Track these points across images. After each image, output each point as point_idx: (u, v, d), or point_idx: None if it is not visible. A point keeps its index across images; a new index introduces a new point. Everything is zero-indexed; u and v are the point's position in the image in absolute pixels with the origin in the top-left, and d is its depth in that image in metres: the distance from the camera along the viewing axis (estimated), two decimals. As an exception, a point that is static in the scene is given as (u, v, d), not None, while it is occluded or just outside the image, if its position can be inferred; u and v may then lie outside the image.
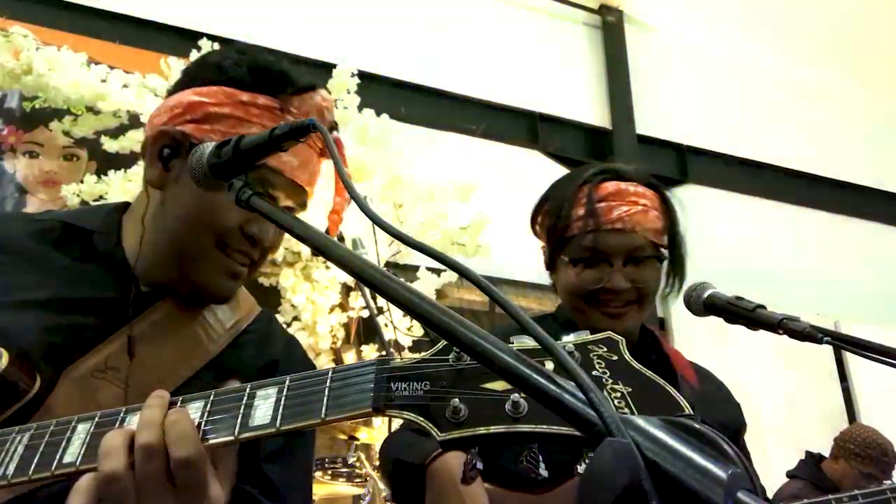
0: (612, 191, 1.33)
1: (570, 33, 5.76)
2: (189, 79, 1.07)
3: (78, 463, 0.71)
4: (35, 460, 0.72)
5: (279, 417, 0.67)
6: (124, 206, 1.15)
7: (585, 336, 0.64)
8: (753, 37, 6.08)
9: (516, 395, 0.60)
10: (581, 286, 1.34)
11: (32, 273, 1.03)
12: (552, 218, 1.37)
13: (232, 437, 0.68)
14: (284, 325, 1.38)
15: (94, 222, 1.09)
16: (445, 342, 0.65)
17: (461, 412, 0.61)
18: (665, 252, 1.38)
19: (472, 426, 0.60)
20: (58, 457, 0.72)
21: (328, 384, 0.68)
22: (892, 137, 6.51)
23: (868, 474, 3.43)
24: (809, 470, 3.58)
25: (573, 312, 1.39)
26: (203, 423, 0.70)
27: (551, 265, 1.43)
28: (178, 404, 0.73)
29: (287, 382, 0.70)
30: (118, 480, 0.67)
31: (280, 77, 1.03)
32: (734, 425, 1.51)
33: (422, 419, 0.62)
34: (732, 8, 5.83)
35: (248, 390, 0.71)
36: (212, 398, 0.72)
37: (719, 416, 1.45)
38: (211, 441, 0.69)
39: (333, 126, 1.10)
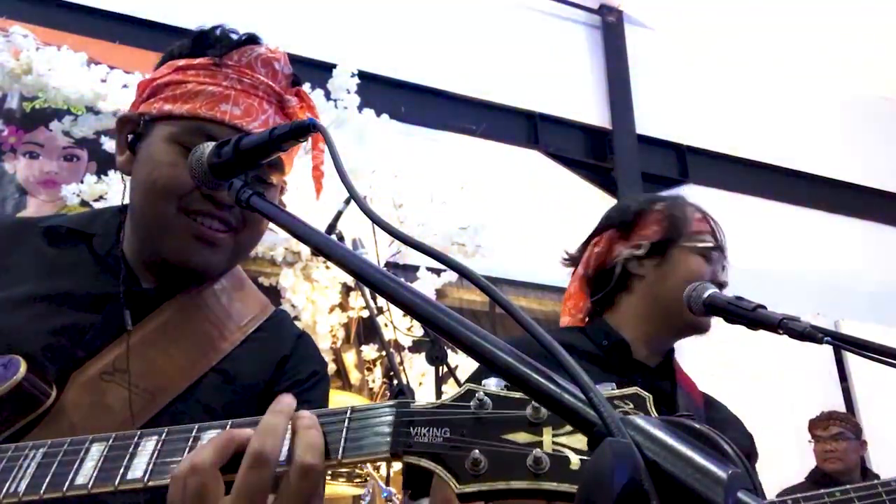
0: None
1: (570, 33, 5.76)
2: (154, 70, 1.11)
3: (90, 486, 0.69)
4: (47, 480, 0.71)
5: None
6: (126, 208, 1.14)
7: (612, 390, 0.62)
8: (753, 37, 6.07)
9: (538, 450, 0.58)
10: (704, 274, 1.48)
11: (34, 269, 1.03)
12: (678, 209, 1.55)
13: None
14: None
15: (95, 227, 1.10)
16: (467, 388, 0.64)
17: (481, 464, 0.59)
18: None
19: (492, 479, 0.58)
20: (70, 477, 0.70)
21: (346, 424, 0.67)
22: (892, 137, 6.51)
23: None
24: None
25: (669, 302, 1.46)
26: None
27: (660, 249, 1.51)
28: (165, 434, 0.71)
29: None
30: (197, 474, 0.62)
31: (217, 38, 1.08)
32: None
33: (440, 468, 0.60)
34: (732, 8, 5.83)
35: None
36: (228, 426, 0.71)
37: None
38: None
39: (297, 80, 1.11)
